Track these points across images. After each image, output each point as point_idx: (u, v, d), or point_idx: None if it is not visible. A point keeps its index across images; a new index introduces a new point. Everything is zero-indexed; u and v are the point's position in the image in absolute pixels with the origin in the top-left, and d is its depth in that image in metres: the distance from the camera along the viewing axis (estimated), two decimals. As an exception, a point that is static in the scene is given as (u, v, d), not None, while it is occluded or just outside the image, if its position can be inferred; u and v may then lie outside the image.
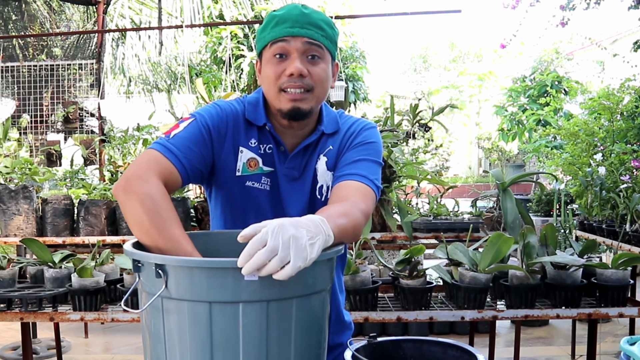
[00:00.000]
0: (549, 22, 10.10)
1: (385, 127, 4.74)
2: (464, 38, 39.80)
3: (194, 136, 1.71)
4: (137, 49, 11.42)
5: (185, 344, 1.30)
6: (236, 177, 1.81)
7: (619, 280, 3.24)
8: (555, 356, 5.21)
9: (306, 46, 1.70)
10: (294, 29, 1.69)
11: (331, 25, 1.76)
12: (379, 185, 1.80)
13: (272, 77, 1.72)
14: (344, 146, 1.86)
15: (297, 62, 1.69)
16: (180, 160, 1.65)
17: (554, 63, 15.99)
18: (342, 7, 12.59)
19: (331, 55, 1.78)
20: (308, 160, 1.85)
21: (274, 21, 1.72)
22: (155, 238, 1.46)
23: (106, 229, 4.76)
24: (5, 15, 9.44)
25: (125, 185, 1.54)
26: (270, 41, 1.72)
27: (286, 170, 1.83)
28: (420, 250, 3.33)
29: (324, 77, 1.74)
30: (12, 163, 5.23)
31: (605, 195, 5.40)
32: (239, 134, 1.81)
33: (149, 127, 6.55)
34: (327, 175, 1.84)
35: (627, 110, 8.57)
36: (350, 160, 1.80)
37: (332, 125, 1.88)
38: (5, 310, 3.27)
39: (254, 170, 1.81)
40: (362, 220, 1.60)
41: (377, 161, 1.84)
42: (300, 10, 1.71)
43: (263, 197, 1.81)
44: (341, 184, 1.74)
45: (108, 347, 5.67)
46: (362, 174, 1.75)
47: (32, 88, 8.59)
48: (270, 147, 1.82)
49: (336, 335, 1.94)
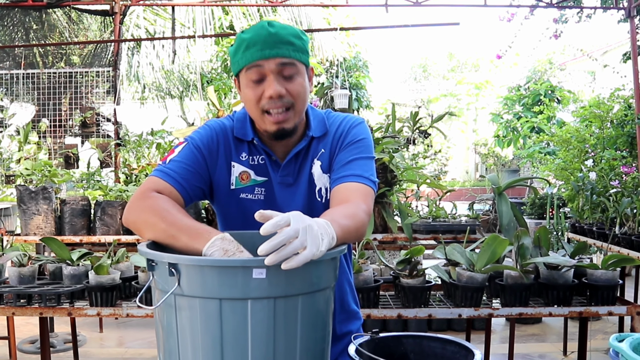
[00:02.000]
0: (542, 34, 10.13)
1: (387, 133, 4.74)
2: (462, 49, 39.76)
3: (188, 158, 1.76)
4: (152, 58, 11.43)
5: (197, 338, 1.30)
6: (231, 191, 1.83)
7: (609, 280, 3.24)
8: (548, 352, 5.20)
9: (280, 67, 1.69)
10: (265, 51, 1.67)
11: (299, 36, 1.74)
12: (375, 180, 1.81)
13: (253, 100, 1.73)
14: (335, 147, 1.86)
15: (274, 84, 1.69)
16: (179, 182, 1.71)
17: (548, 73, 15.97)
18: (346, 19, 12.60)
19: (305, 64, 1.77)
20: (301, 165, 1.86)
21: (244, 45, 1.70)
22: (173, 233, 1.49)
23: (121, 228, 4.76)
24: (27, 25, 9.46)
25: (132, 208, 1.62)
26: (244, 66, 1.71)
27: (280, 178, 1.84)
28: (420, 251, 3.33)
29: (301, 91, 1.74)
30: (33, 165, 5.25)
31: (596, 199, 5.39)
32: (230, 150, 1.84)
33: (162, 132, 6.56)
34: (323, 178, 1.84)
35: (617, 118, 8.57)
36: (344, 162, 1.80)
37: (320, 128, 1.88)
38: (25, 305, 3.28)
39: (246, 182, 1.83)
40: (365, 220, 1.62)
41: (370, 157, 1.84)
42: (267, 31, 1.68)
43: (257, 206, 1.79)
44: (340, 187, 1.75)
45: (122, 341, 5.68)
46: (358, 173, 1.76)
47: (51, 94, 8.61)
48: (262, 158, 1.84)
49: (344, 324, 1.94)
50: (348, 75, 11.60)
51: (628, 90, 8.88)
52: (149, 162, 6.06)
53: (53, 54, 9.67)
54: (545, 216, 8.42)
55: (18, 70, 8.85)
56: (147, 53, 11.37)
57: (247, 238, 1.56)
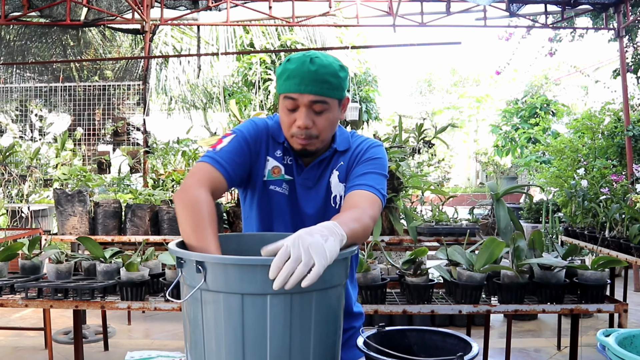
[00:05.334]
0: (538, 52, 10.14)
1: (394, 143, 4.76)
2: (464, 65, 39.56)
3: (236, 149, 1.81)
4: (178, 72, 11.51)
5: (221, 329, 1.32)
6: (263, 182, 1.89)
7: (598, 280, 3.24)
8: (543, 347, 5.19)
9: (312, 103, 1.73)
10: (302, 87, 1.71)
11: (337, 74, 1.76)
12: (385, 194, 1.84)
13: (286, 123, 1.80)
14: (353, 161, 1.90)
15: (304, 117, 1.74)
16: (227, 169, 1.76)
17: (543, 88, 15.92)
18: (357, 37, 12.60)
19: (339, 98, 1.80)
20: (322, 172, 1.91)
21: (286, 74, 1.74)
22: (192, 241, 1.54)
23: (150, 229, 4.80)
24: (65, 42, 9.54)
25: (182, 196, 1.65)
26: (283, 93, 1.77)
27: (302, 180, 1.89)
28: (424, 252, 3.34)
29: (327, 126, 1.79)
30: (69, 170, 5.30)
31: (587, 205, 5.38)
32: (268, 146, 1.90)
33: (187, 141, 6.60)
34: (339, 187, 1.89)
35: (607, 130, 8.55)
36: (359, 173, 1.84)
37: (344, 144, 1.93)
38: (62, 299, 3.31)
39: (277, 176, 1.88)
40: (370, 225, 1.64)
41: (383, 174, 1.89)
42: (308, 68, 1.71)
43: (283, 199, 1.88)
44: (352, 193, 1.78)
45: (148, 333, 5.70)
46: (370, 184, 1.79)
47: (86, 105, 8.69)
48: (290, 159, 1.89)
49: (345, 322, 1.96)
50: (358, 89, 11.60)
51: (618, 104, 8.85)
52: (175, 168, 6.10)
53: (88, 68, 9.75)
54: (540, 220, 8.40)
55: (56, 83, 8.93)
56: (174, 68, 11.46)
57: (268, 238, 1.58)
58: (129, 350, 2.13)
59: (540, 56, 10.15)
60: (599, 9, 8.06)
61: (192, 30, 10.80)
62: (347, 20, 8.78)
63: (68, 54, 9.55)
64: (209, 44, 10.87)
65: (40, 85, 9.03)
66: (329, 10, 8.11)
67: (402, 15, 8.20)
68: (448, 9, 8.13)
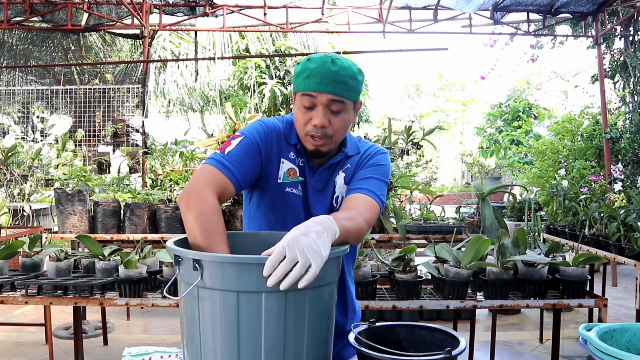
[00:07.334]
0: (521, 58, 10.19)
1: (384, 145, 4.75)
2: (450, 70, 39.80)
3: (245, 152, 1.72)
4: (176, 76, 11.47)
5: (217, 326, 1.31)
6: (278, 184, 1.82)
7: (579, 276, 3.24)
8: (526, 340, 5.19)
9: (330, 102, 1.69)
10: (321, 86, 1.67)
11: (355, 77, 1.73)
12: (384, 200, 1.81)
13: (301, 122, 1.75)
14: (359, 165, 1.87)
15: (321, 115, 1.70)
16: (235, 175, 1.67)
17: (526, 92, 15.97)
18: (348, 43, 12.61)
19: (355, 101, 1.77)
20: (331, 175, 1.87)
21: (306, 72, 1.70)
22: (202, 248, 1.48)
23: (148, 227, 4.77)
24: (66, 46, 9.49)
25: (187, 200, 1.56)
26: (301, 91, 1.72)
27: (313, 182, 1.84)
28: (413, 249, 3.34)
29: (342, 126, 1.75)
30: (69, 171, 5.26)
31: (568, 204, 5.40)
32: (281, 148, 1.83)
33: (185, 142, 6.57)
34: (343, 188, 1.86)
35: (586, 132, 8.59)
36: (362, 177, 1.81)
37: (354, 149, 1.90)
38: (62, 295, 3.29)
39: (293, 178, 1.82)
40: (365, 227, 1.61)
41: (385, 180, 1.85)
42: (329, 68, 1.67)
43: (298, 201, 1.83)
44: (352, 196, 1.75)
45: (146, 328, 5.68)
46: (371, 189, 1.76)
47: (86, 107, 8.65)
48: (303, 161, 1.84)
49: (352, 322, 1.94)
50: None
51: (596, 107, 8.89)
52: (173, 168, 6.07)
53: (89, 72, 9.71)
54: (523, 219, 8.42)
55: (58, 86, 8.89)
56: (172, 72, 11.42)
57: (263, 237, 1.57)
58: (128, 345, 2.11)
59: (522, 62, 10.21)
60: (578, 17, 8.12)
61: (189, 35, 10.77)
62: (338, 27, 8.77)
63: (69, 58, 9.50)
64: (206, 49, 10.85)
65: (42, 88, 8.99)
66: (321, 17, 8.11)
67: (392, 22, 8.22)
68: (435, 17, 8.15)
